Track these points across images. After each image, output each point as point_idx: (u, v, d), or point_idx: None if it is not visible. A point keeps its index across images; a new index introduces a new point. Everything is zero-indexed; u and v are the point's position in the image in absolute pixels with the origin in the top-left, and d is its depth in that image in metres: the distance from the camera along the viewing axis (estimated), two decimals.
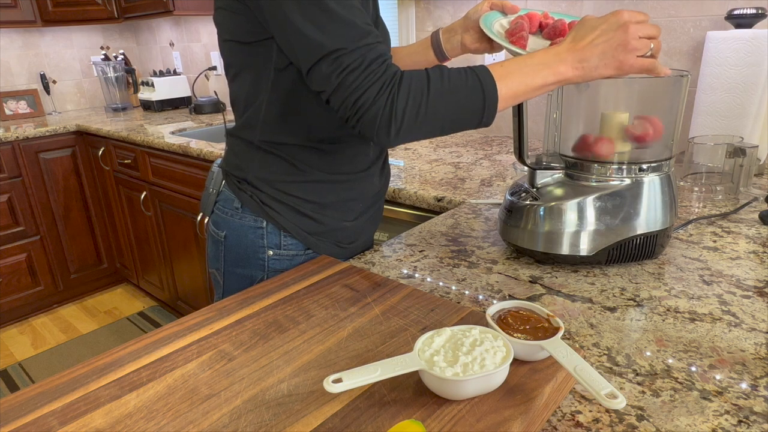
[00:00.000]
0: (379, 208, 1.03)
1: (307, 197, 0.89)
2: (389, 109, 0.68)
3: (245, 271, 0.93)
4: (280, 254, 0.91)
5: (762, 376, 0.57)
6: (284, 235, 0.91)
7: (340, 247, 0.96)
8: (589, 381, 0.47)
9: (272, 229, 0.90)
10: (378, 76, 0.69)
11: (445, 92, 0.70)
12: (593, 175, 0.81)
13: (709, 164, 1.26)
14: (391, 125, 0.69)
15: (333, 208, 0.92)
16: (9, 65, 3.01)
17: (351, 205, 0.94)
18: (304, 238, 0.91)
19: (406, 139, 0.72)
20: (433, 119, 0.71)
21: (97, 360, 0.60)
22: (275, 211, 0.89)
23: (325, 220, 0.92)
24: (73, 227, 2.83)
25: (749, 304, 0.71)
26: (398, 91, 0.69)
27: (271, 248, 0.91)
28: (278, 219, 0.89)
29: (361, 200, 0.95)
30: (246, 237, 0.91)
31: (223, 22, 0.83)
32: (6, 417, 0.52)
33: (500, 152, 1.65)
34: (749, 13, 1.20)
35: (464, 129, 0.74)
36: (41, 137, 2.64)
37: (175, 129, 2.41)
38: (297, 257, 0.92)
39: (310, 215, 0.90)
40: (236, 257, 0.93)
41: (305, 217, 0.90)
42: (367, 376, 0.49)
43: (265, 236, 0.91)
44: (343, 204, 0.93)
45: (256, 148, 0.88)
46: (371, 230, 1.03)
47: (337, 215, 0.93)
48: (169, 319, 2.74)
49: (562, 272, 0.82)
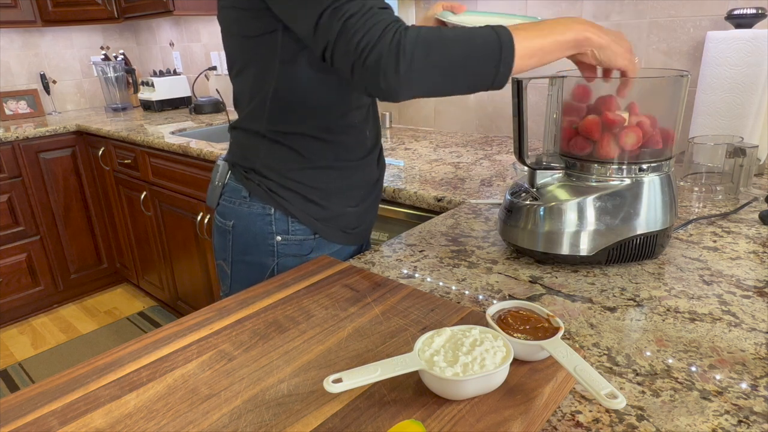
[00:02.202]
0: (378, 194, 1.06)
1: (314, 184, 0.92)
2: (396, 45, 0.64)
3: (254, 258, 0.96)
4: (289, 239, 0.94)
5: (762, 376, 0.57)
6: (292, 221, 0.94)
7: (345, 232, 0.99)
8: (589, 381, 0.47)
9: (280, 215, 0.93)
10: (381, 17, 0.66)
11: (459, 35, 0.67)
12: (593, 175, 0.81)
13: (709, 164, 1.26)
14: (399, 61, 0.64)
15: (338, 194, 0.95)
16: (9, 65, 3.01)
17: (354, 191, 0.97)
18: (311, 224, 0.94)
19: (416, 80, 0.67)
20: (446, 58, 0.66)
21: (97, 360, 0.60)
22: (283, 198, 0.92)
23: (331, 206, 0.95)
24: (73, 227, 2.83)
25: (749, 304, 0.71)
26: (406, 29, 0.65)
27: (279, 234, 0.94)
28: (286, 205, 0.92)
29: (363, 187, 0.99)
30: (254, 224, 0.94)
31: (228, 19, 0.86)
32: (6, 417, 0.52)
33: (500, 152, 1.65)
34: (749, 13, 1.20)
35: (478, 81, 0.70)
36: (41, 137, 2.64)
37: (175, 129, 2.41)
38: (306, 242, 0.95)
39: (316, 201, 0.93)
40: (245, 245, 0.96)
41: (312, 204, 0.93)
42: (367, 376, 0.49)
43: (273, 222, 0.93)
44: (346, 190, 0.96)
45: (262, 138, 0.91)
46: (372, 216, 1.06)
47: (341, 201, 0.96)
48: (169, 319, 2.74)
49: (562, 272, 0.82)
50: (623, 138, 0.79)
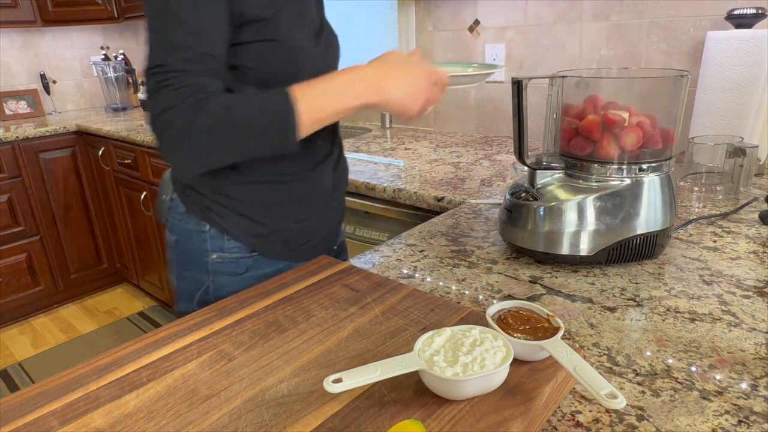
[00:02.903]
0: (337, 205, 1.00)
1: (248, 199, 0.88)
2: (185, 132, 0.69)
3: (192, 275, 0.92)
4: (224, 257, 0.90)
5: (762, 376, 0.57)
6: (227, 238, 0.89)
7: (289, 248, 0.93)
8: (589, 381, 0.47)
9: (215, 232, 0.89)
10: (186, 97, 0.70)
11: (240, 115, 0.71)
12: (593, 175, 0.81)
13: (709, 164, 1.26)
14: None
15: (277, 209, 0.89)
16: (9, 65, 3.01)
17: (299, 205, 0.91)
18: (247, 241, 0.90)
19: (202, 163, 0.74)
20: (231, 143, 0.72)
21: (97, 360, 0.60)
22: (216, 214, 0.88)
23: (267, 221, 0.89)
24: (73, 227, 2.83)
25: (749, 304, 0.71)
26: (196, 114, 0.69)
27: (214, 251, 0.90)
28: (220, 222, 0.88)
29: (312, 200, 0.93)
30: (191, 241, 0.91)
31: None
32: (6, 417, 0.52)
33: (500, 152, 1.65)
34: (749, 13, 1.20)
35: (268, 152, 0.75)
36: (41, 137, 2.64)
37: None
38: (242, 260, 0.91)
39: (251, 217, 0.88)
40: (185, 261, 0.93)
41: (247, 219, 0.88)
42: (367, 376, 0.49)
43: (208, 240, 0.90)
44: (289, 204, 0.90)
45: None
46: (330, 228, 1.00)
47: (282, 216, 0.90)
48: (169, 319, 2.74)
49: (562, 272, 0.82)
50: (623, 138, 0.79)
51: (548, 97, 0.85)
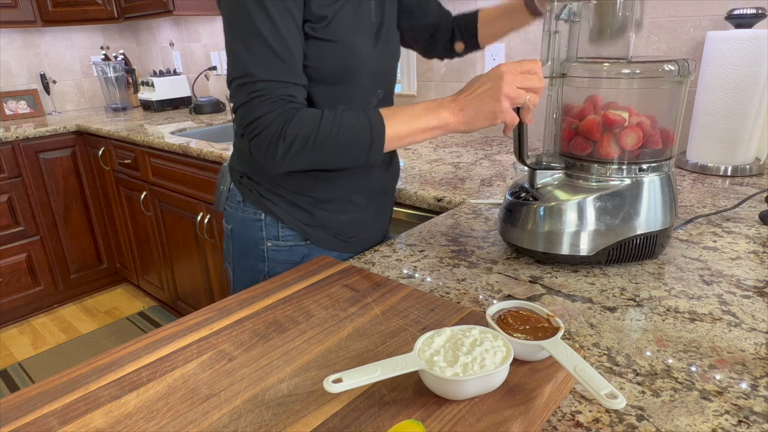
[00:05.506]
0: (385, 204, 1.04)
1: (301, 190, 0.92)
2: (277, 136, 0.75)
3: (250, 263, 0.96)
4: (278, 245, 0.94)
5: (762, 376, 0.57)
6: (282, 226, 0.93)
7: (339, 239, 0.97)
8: (589, 381, 0.47)
9: (271, 221, 0.93)
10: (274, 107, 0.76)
11: (335, 127, 0.76)
12: (593, 175, 0.81)
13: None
14: (277, 152, 0.76)
15: (326, 203, 0.94)
16: (9, 65, 3.01)
17: (346, 201, 0.95)
18: (300, 229, 0.94)
19: (291, 166, 0.78)
20: (320, 151, 0.77)
21: (97, 360, 0.60)
22: (272, 203, 0.92)
23: (318, 213, 0.94)
24: (73, 227, 2.83)
25: (749, 304, 0.71)
26: (291, 119, 0.75)
27: (269, 239, 0.94)
28: (275, 210, 0.92)
29: (361, 197, 0.96)
30: (248, 229, 0.95)
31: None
32: (6, 417, 0.52)
33: (500, 152, 1.65)
34: (749, 13, 1.20)
35: (352, 163, 0.80)
36: (41, 137, 2.64)
37: (175, 129, 2.41)
38: (296, 248, 0.95)
39: (304, 207, 0.93)
40: (241, 249, 0.97)
41: (300, 209, 0.93)
42: (367, 376, 0.49)
43: (263, 228, 0.94)
44: (338, 199, 0.94)
45: None
46: (378, 226, 1.03)
47: (331, 209, 0.94)
48: (169, 319, 2.74)
49: (562, 272, 0.82)
50: (623, 138, 0.79)
51: (548, 97, 0.85)
